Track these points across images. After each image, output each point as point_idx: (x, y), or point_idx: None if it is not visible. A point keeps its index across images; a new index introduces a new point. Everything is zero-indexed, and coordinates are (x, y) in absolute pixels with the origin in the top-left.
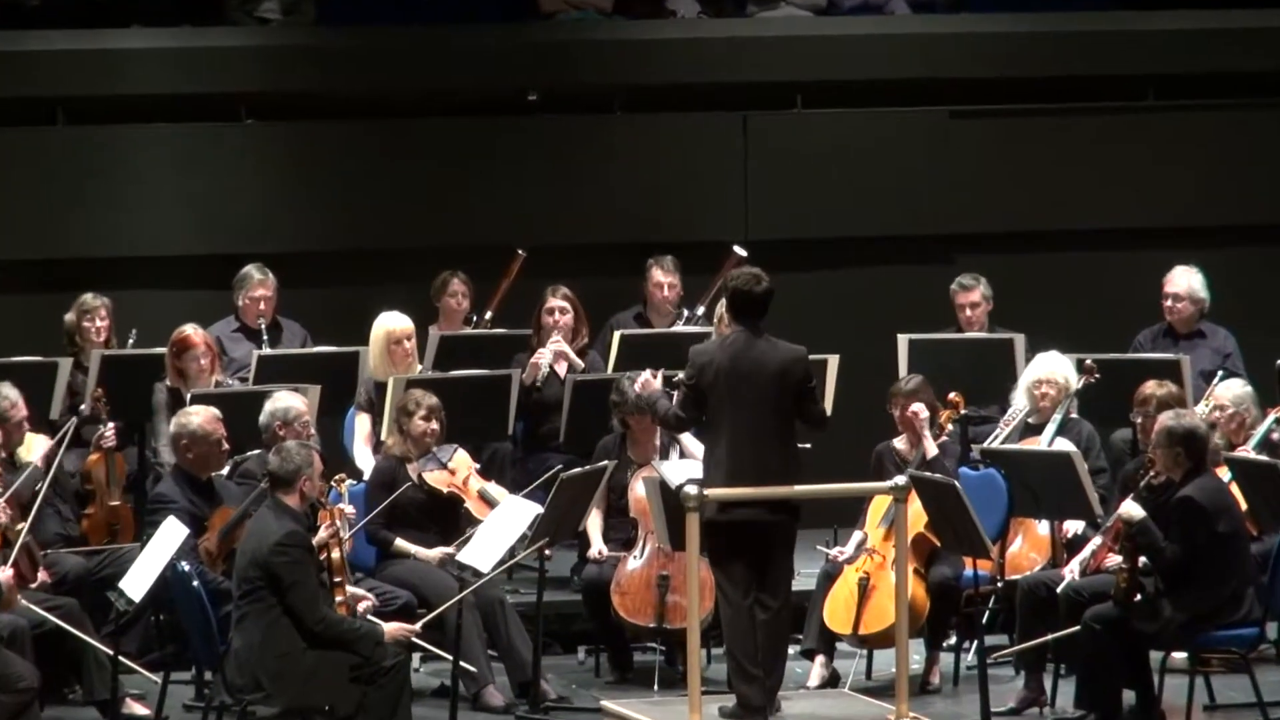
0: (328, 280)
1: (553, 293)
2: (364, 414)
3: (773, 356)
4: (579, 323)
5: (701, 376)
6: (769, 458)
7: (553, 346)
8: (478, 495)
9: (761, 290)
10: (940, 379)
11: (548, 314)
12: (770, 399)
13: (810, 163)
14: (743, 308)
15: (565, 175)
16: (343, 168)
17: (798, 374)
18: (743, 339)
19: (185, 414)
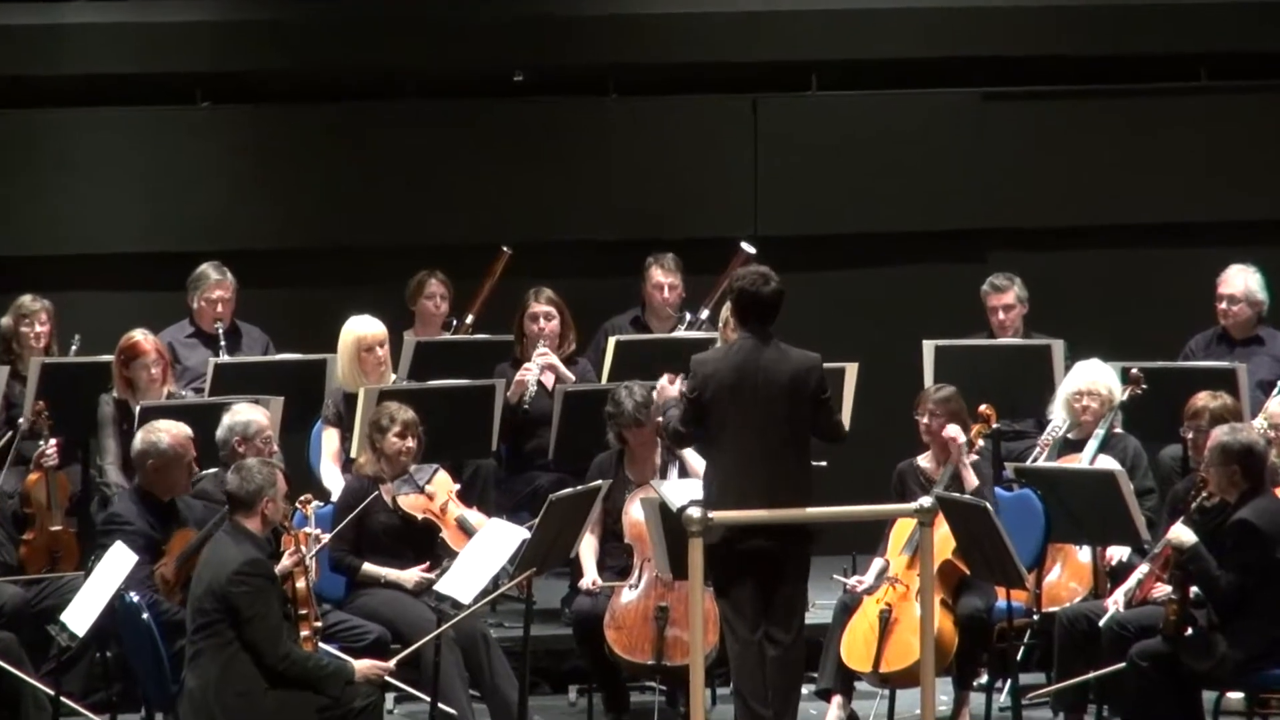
0: (292, 280)
1: (535, 297)
2: (332, 429)
3: (783, 365)
4: (566, 328)
5: (704, 388)
6: (780, 477)
7: (539, 359)
8: (455, 524)
9: (770, 291)
10: (970, 389)
11: (531, 321)
12: (781, 412)
13: (827, 151)
14: (749, 311)
15: (554, 164)
16: (309, 156)
17: (811, 384)
18: (749, 346)
19: (154, 429)
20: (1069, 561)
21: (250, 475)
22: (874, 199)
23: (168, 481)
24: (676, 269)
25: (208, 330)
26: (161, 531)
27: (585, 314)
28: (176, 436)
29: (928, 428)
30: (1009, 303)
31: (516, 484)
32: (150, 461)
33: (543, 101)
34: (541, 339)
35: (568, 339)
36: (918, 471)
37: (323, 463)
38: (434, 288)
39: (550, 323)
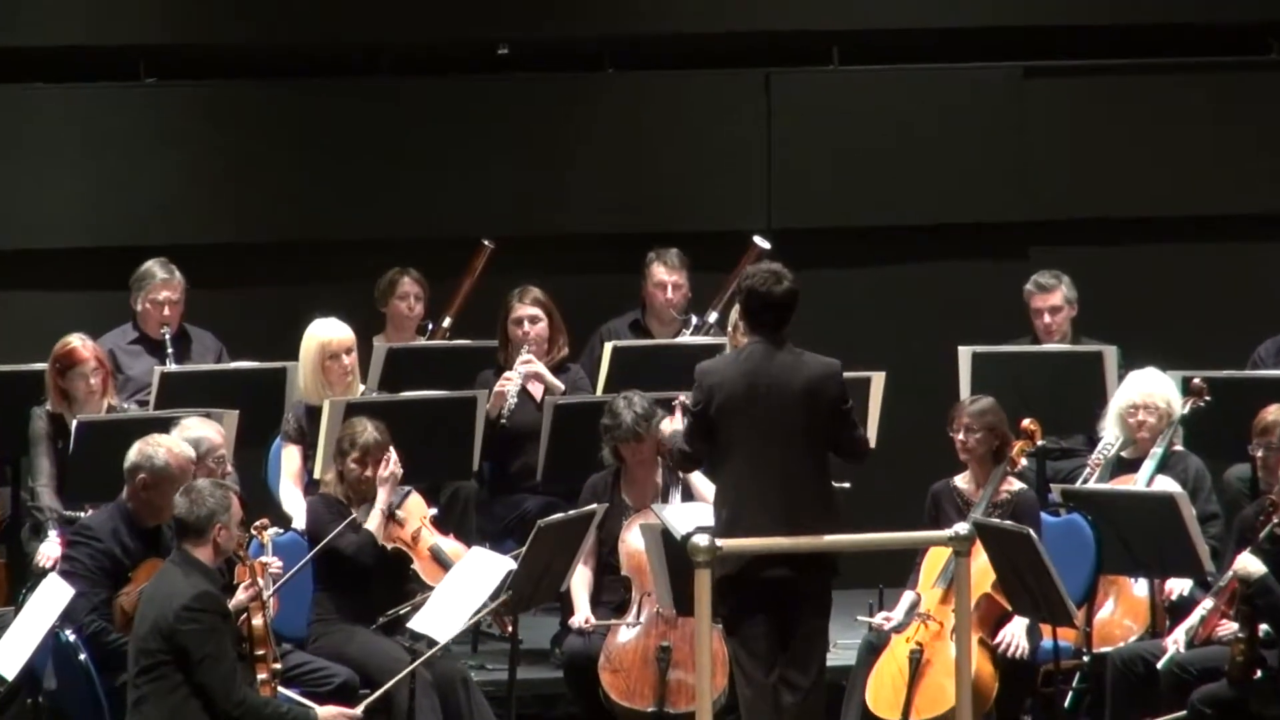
0: (249, 279)
1: (519, 297)
2: (292, 446)
3: (798, 373)
4: (555, 332)
5: (710, 400)
6: (797, 499)
7: (522, 367)
8: (429, 554)
9: (782, 291)
10: (1012, 401)
11: (515, 324)
12: (797, 426)
13: (849, 133)
14: (759, 314)
15: (543, 148)
16: (268, 139)
17: (830, 394)
18: (760, 352)
19: (153, 443)
20: (1123, 596)
21: (201, 499)
22: (902, 187)
23: (155, 504)
24: (681, 266)
25: (153, 335)
26: (134, 557)
27: (578, 317)
28: (177, 457)
29: (964, 445)
30: (1055, 304)
31: (500, 508)
32: (141, 476)
33: (530, 78)
34: (526, 345)
35: (557, 343)
36: (954, 494)
37: (282, 484)
38: (407, 287)
39: (536, 326)
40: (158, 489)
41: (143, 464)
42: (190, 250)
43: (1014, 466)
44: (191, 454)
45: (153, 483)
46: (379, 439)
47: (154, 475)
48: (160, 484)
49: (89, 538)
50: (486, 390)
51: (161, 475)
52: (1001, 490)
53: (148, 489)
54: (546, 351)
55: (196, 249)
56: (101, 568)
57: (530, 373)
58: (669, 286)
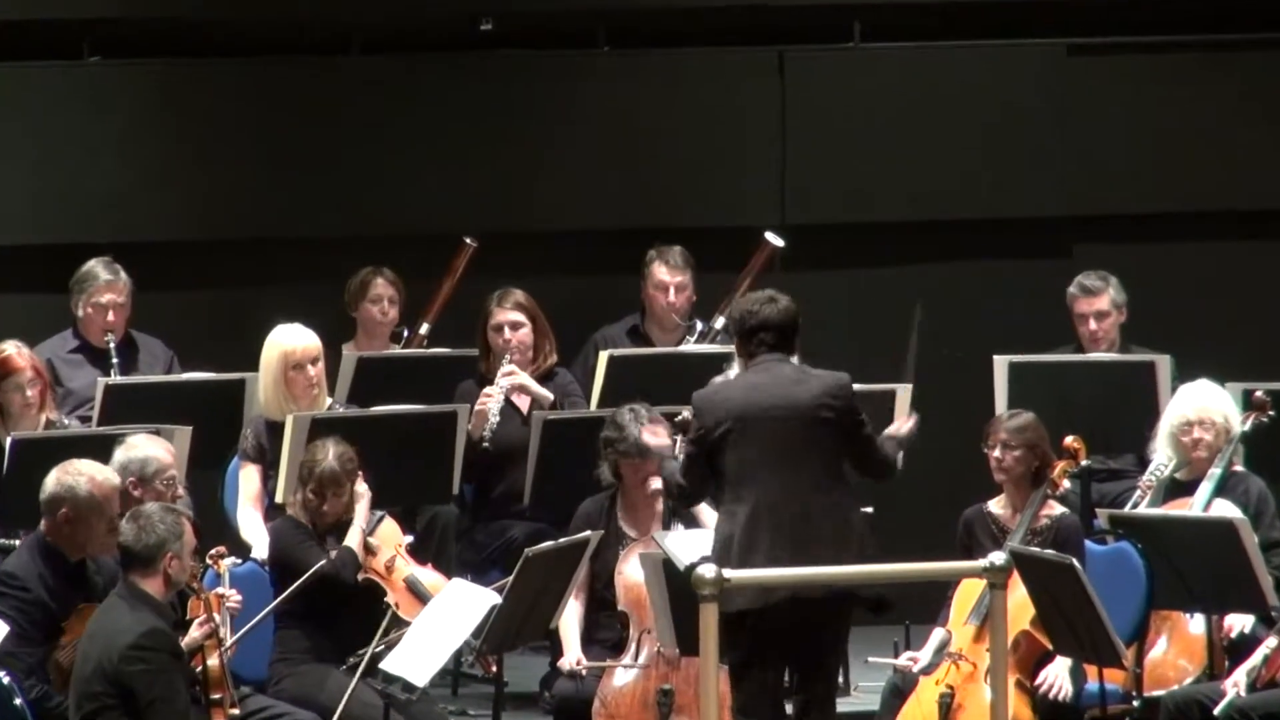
0: (203, 281)
1: (499, 301)
2: (251, 465)
3: (804, 387)
4: (540, 338)
5: (711, 427)
6: (814, 524)
7: (504, 380)
8: (405, 587)
9: (780, 310)
10: (1054, 417)
11: (495, 331)
12: (806, 445)
13: (871, 118)
14: (756, 335)
15: (531, 135)
16: (225, 124)
17: (839, 407)
18: (762, 371)
19: (71, 470)
20: (1177, 633)
21: (149, 525)
22: (930, 179)
23: (79, 538)
24: (685, 266)
25: (96, 343)
26: (63, 601)
27: (570, 323)
28: (101, 485)
29: (1000, 464)
30: (1102, 309)
31: (483, 536)
32: (63, 510)
33: (516, 56)
34: (508, 354)
35: (543, 351)
36: (988, 519)
37: (240, 508)
38: (380, 289)
39: (519, 332)
40: (82, 523)
41: (64, 496)
42: (137, 248)
43: (1055, 489)
44: (116, 480)
45: (76, 516)
46: (336, 470)
47: (77, 509)
48: (85, 517)
49: (15, 587)
50: (467, 404)
51: (85, 508)
52: (1042, 515)
53: (70, 523)
54: (531, 360)
55: (144, 246)
56: (33, 621)
57: (514, 385)
58: (671, 289)
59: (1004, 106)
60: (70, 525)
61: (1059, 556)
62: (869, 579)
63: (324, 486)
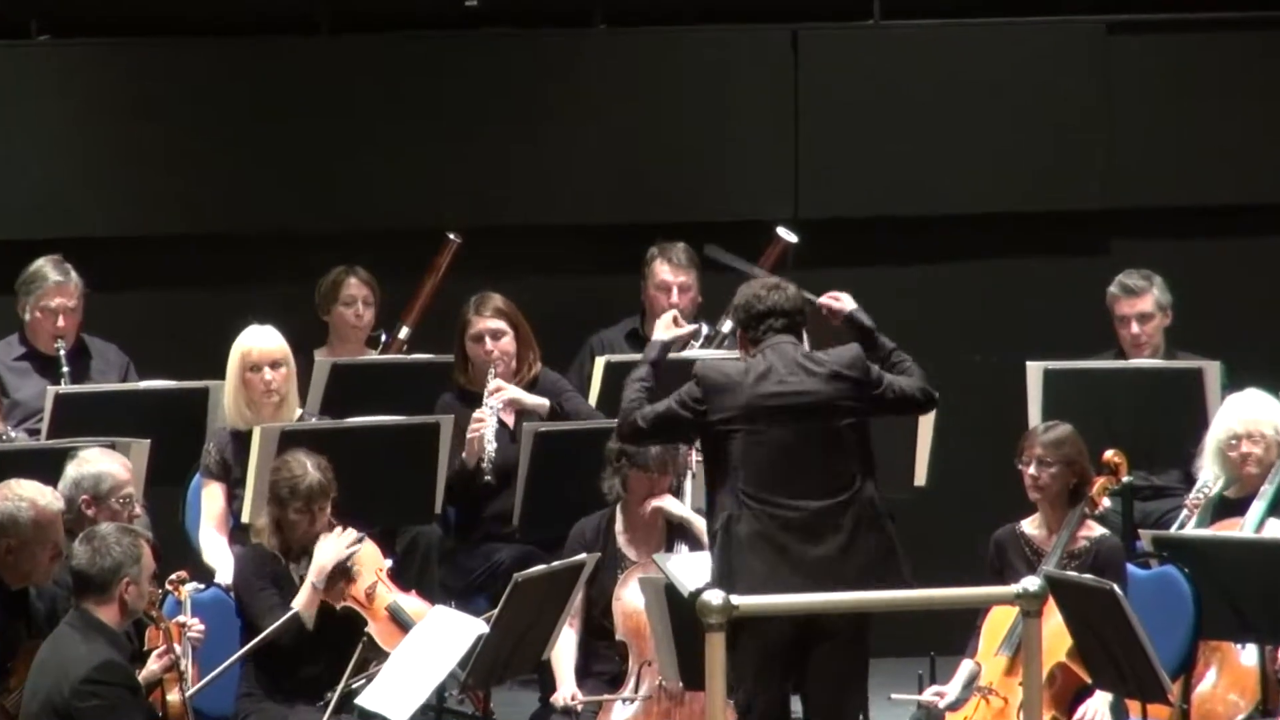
0: (161, 281)
1: (477, 309)
2: (214, 482)
3: (819, 367)
4: (523, 346)
5: (712, 412)
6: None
7: (496, 397)
8: (386, 615)
9: (787, 298)
10: (1093, 429)
11: (475, 342)
12: (828, 439)
13: (893, 103)
14: (763, 321)
15: (521, 121)
16: (184, 110)
17: (857, 380)
18: (773, 356)
19: (13, 495)
20: (1227, 665)
21: (105, 548)
22: (957, 169)
23: (23, 568)
24: (689, 265)
25: (45, 350)
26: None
27: (564, 326)
28: (44, 511)
29: (1035, 481)
30: (1145, 310)
31: (470, 559)
32: (5, 541)
33: (505, 36)
34: (492, 367)
35: (527, 360)
36: (1022, 541)
37: (202, 530)
38: (354, 290)
39: (501, 342)
40: (25, 552)
41: (5, 525)
42: (90, 244)
43: (1095, 508)
44: (60, 505)
45: (19, 545)
46: (324, 481)
47: (20, 538)
48: (27, 545)
49: None
50: (450, 416)
51: (28, 536)
52: (1080, 536)
53: (13, 553)
54: (515, 371)
55: (98, 243)
56: None
57: (505, 401)
58: (674, 289)
59: (1037, 90)
60: (13, 555)
61: (1098, 581)
62: (889, 606)
63: (311, 502)
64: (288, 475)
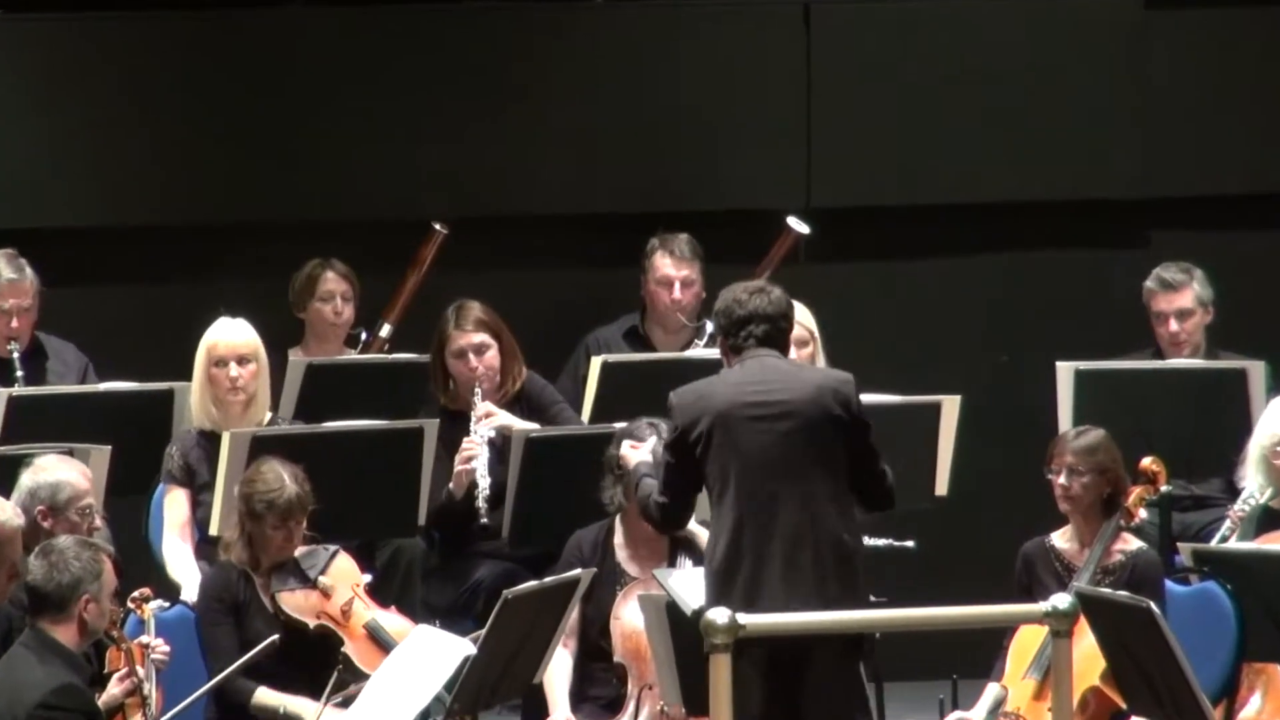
0: (123, 276)
1: (457, 322)
2: (177, 488)
3: (799, 381)
4: (508, 358)
5: (688, 428)
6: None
7: (482, 427)
8: (365, 633)
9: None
10: (1129, 434)
11: (457, 359)
12: (801, 451)
13: (913, 83)
14: (743, 328)
15: (511, 102)
16: (149, 90)
17: (839, 407)
18: (749, 367)
19: None
20: (1273, 689)
21: (62, 563)
22: (982, 155)
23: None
24: (692, 257)
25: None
26: None
27: (557, 324)
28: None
29: (1066, 491)
30: (1185, 306)
31: (455, 574)
32: None
33: (494, 10)
34: (477, 384)
35: (511, 373)
36: (1052, 555)
37: (166, 540)
38: (332, 285)
39: (485, 356)
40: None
41: None
42: (45, 236)
43: (1131, 519)
44: (20, 521)
45: None
46: (302, 494)
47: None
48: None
49: None
50: (436, 420)
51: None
52: (1114, 550)
53: None
54: (499, 385)
55: (55, 235)
56: None
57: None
58: (676, 284)
59: (1068, 69)
60: None
61: (1134, 599)
62: (904, 625)
63: (289, 518)
64: (263, 488)
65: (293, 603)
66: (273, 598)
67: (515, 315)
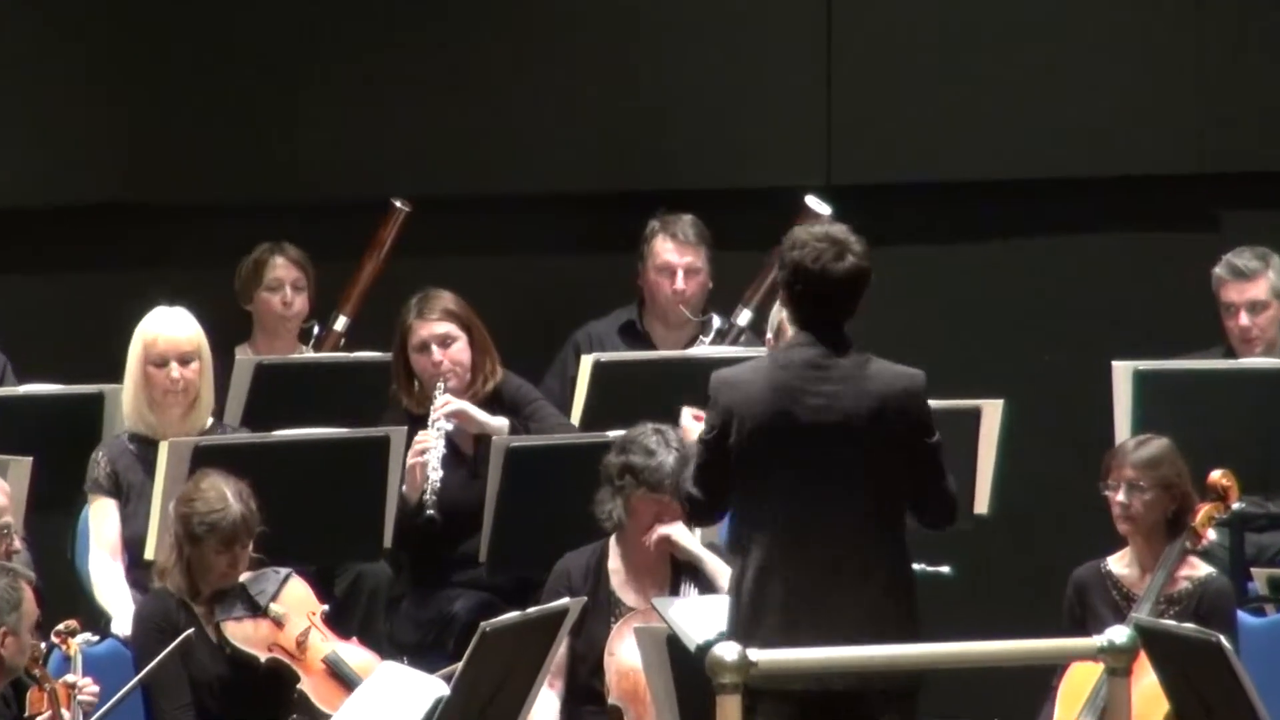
0: (46, 263)
1: (420, 311)
2: (104, 499)
3: (862, 386)
4: (479, 351)
5: (729, 423)
6: (858, 586)
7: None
8: (323, 668)
9: (845, 269)
10: (1195, 444)
11: (419, 352)
12: (858, 465)
13: (945, 48)
14: (808, 302)
15: (488, 67)
16: (78, 55)
17: (906, 418)
18: (806, 358)
19: None
20: None
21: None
22: (1023, 127)
23: None
24: (697, 242)
25: None
26: None
27: (542, 318)
28: None
29: (1125, 510)
30: (1259, 297)
31: (426, 604)
32: None
33: None
34: (441, 380)
35: (484, 370)
36: (1108, 581)
37: (93, 561)
38: (281, 272)
39: (450, 349)
40: None
41: None
42: None
43: (1198, 541)
44: None
45: None
46: (248, 515)
47: None
48: None
49: None
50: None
51: None
52: (1180, 576)
53: None
54: (469, 384)
55: None
56: None
57: (454, 413)
58: (679, 272)
59: (1119, 29)
60: None
61: (1202, 632)
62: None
63: (234, 543)
64: (204, 508)
65: (241, 633)
66: (217, 627)
67: (491, 308)
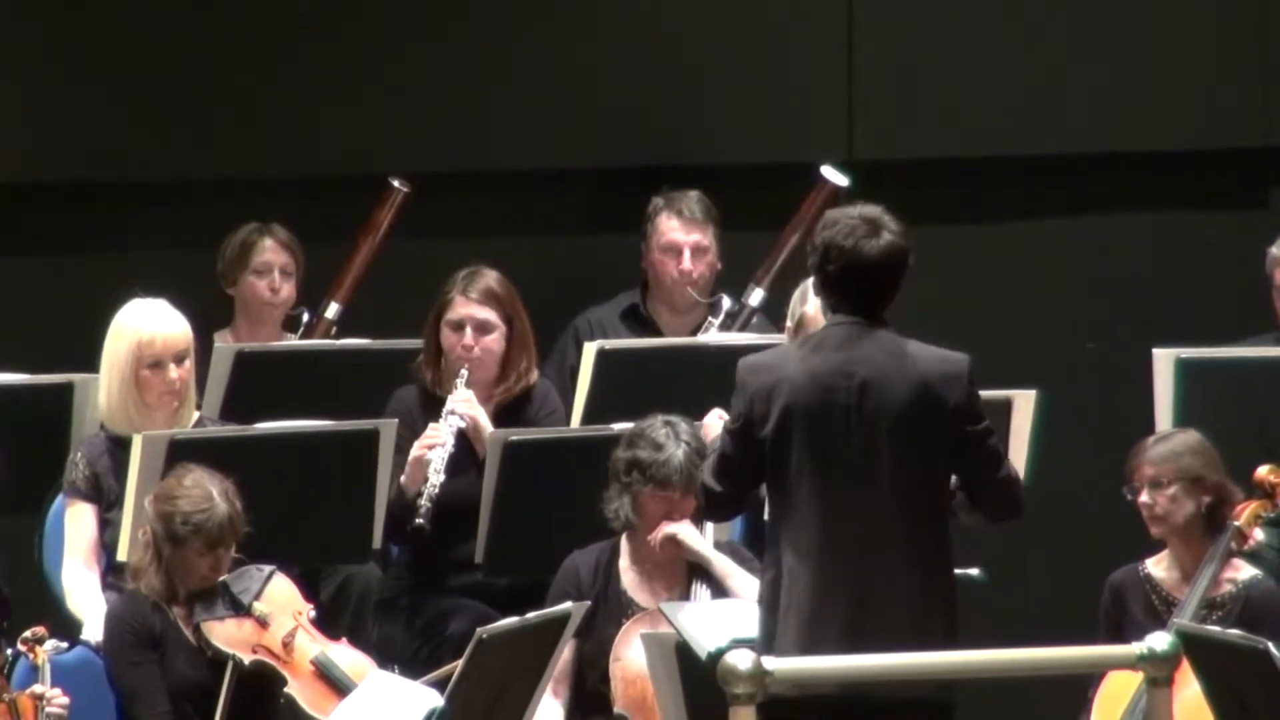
0: (11, 245)
1: (466, 287)
2: (82, 503)
3: (903, 369)
4: (516, 348)
5: (758, 414)
6: (897, 587)
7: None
8: (311, 671)
9: (880, 249)
10: (1243, 437)
11: (452, 330)
12: (897, 456)
13: (975, 14)
14: (842, 283)
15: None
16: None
17: (952, 402)
18: (841, 338)
19: None
20: None
21: None
22: (1060, 98)
23: None
24: (705, 220)
25: None
26: None
27: (542, 301)
28: None
29: (1151, 510)
30: None
31: (419, 608)
32: None
33: None
34: (465, 368)
35: (519, 367)
36: (1147, 586)
37: (66, 566)
38: (269, 255)
39: (487, 338)
40: None
41: None
42: None
43: (1244, 542)
44: None
45: None
46: (234, 515)
47: None
48: None
49: None
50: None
51: None
52: (1224, 580)
53: None
54: (499, 379)
55: None
56: None
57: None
58: (685, 251)
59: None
60: None
61: (1248, 639)
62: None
63: (218, 544)
64: (187, 507)
65: (223, 634)
66: (196, 629)
67: None
